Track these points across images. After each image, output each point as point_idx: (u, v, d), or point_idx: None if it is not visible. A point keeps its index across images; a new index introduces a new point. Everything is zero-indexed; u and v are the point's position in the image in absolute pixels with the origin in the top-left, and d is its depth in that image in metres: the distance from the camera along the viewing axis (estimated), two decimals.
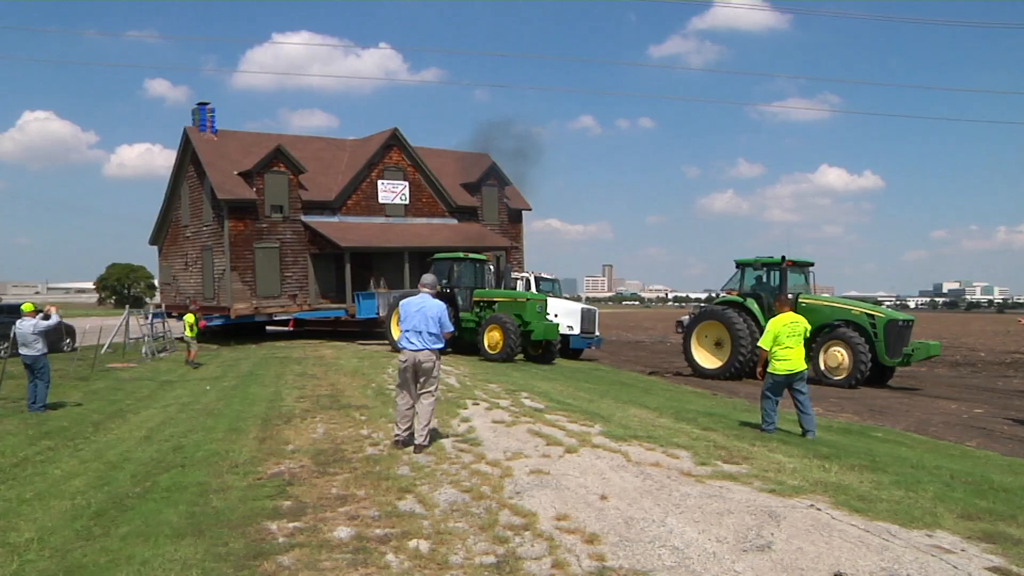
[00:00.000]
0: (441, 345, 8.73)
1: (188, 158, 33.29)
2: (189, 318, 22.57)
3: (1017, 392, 19.31)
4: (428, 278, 8.97)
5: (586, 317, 26.27)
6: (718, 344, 21.27)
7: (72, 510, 6.93)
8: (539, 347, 22.74)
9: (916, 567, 5.04)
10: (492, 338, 21.62)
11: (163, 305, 34.07)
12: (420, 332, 8.56)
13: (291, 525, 5.99)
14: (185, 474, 7.91)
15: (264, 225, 30.70)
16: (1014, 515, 6.31)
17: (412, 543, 5.52)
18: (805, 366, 10.37)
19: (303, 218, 31.51)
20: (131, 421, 12.25)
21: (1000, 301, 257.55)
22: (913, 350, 19.86)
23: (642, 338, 46.45)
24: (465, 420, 10.49)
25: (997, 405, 16.51)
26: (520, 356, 22.24)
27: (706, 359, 21.51)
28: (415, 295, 8.98)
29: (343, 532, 5.79)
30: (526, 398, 12.80)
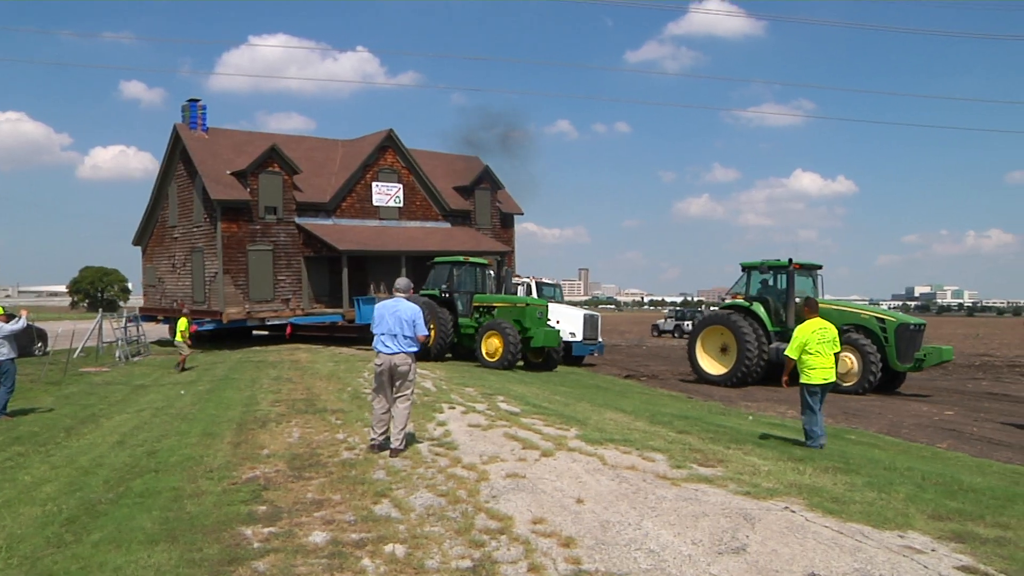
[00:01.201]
0: (417, 348, 8.73)
1: (178, 156, 32.31)
2: (182, 323, 22.14)
3: (987, 394, 19.58)
4: (402, 282, 8.97)
5: (588, 323, 25.66)
6: (723, 350, 20.67)
7: (43, 517, 6.85)
8: (540, 354, 22.20)
9: (888, 568, 5.10)
10: (491, 345, 21.01)
11: (136, 309, 33.39)
12: (395, 335, 8.57)
13: (266, 530, 5.96)
14: (159, 479, 7.84)
15: (258, 227, 29.91)
16: (982, 515, 6.40)
17: (388, 548, 5.50)
18: (835, 377, 9.87)
19: (297, 220, 30.79)
20: (104, 426, 12.12)
21: (970, 305, 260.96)
22: (925, 355, 19.27)
23: (618, 342, 46.60)
24: (441, 424, 10.47)
25: (967, 407, 16.74)
26: (520, 364, 21.66)
27: (711, 365, 20.90)
28: (390, 298, 8.98)
29: (319, 537, 5.77)
30: (502, 402, 12.81)
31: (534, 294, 26.52)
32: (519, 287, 27.07)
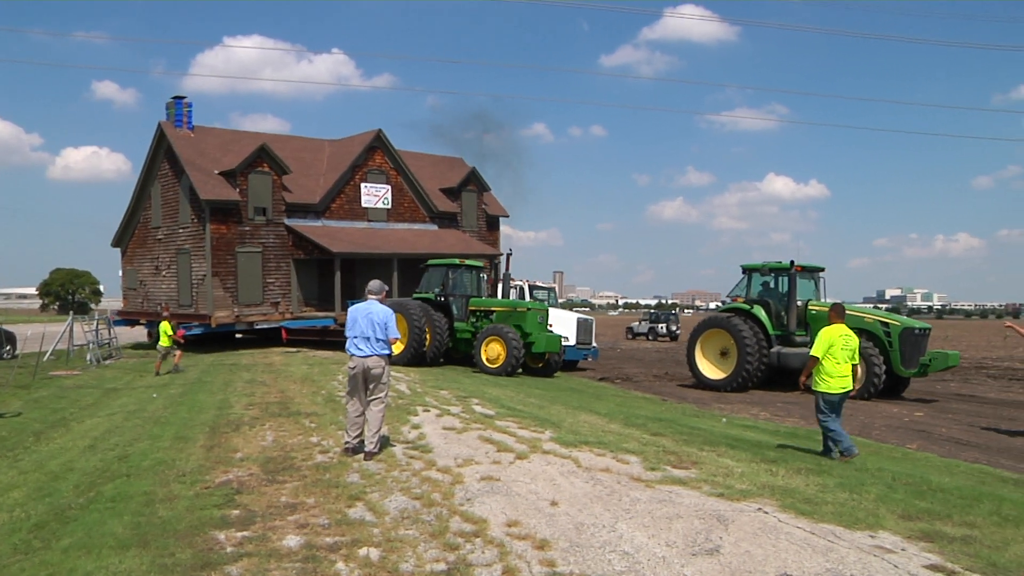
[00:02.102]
0: (390, 351, 8.72)
1: (162, 155, 31.20)
2: (165, 326, 21.80)
3: (955, 395, 19.84)
4: (375, 284, 8.93)
5: (582, 327, 25.23)
6: (723, 353, 20.18)
7: (10, 523, 6.76)
8: (539, 360, 21.69)
9: (859, 567, 5.16)
10: (492, 351, 20.46)
11: (109, 311, 32.76)
12: (368, 338, 8.55)
13: (239, 534, 5.92)
14: (130, 484, 7.75)
15: (247, 228, 29.00)
16: (950, 514, 6.51)
17: (362, 551, 5.49)
18: (852, 386, 9.57)
19: (287, 221, 30.08)
20: (74, 430, 11.97)
21: (939, 307, 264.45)
22: (931, 360, 18.80)
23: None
24: (416, 427, 10.45)
25: (936, 408, 16.98)
26: (520, 370, 21.14)
27: (711, 369, 20.39)
28: (370, 302, 8.93)
29: (292, 541, 5.74)
30: (477, 404, 12.80)
31: (526, 297, 26.08)
32: (511, 290, 26.51)
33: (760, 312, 19.83)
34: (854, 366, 9.60)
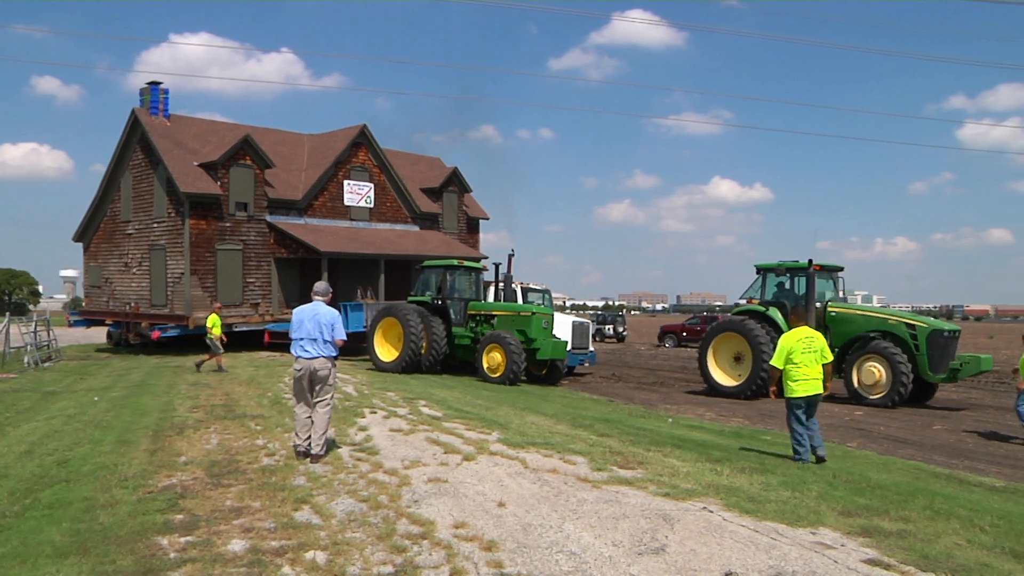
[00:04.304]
0: (336, 353, 8.70)
1: (135, 144, 29.41)
2: (215, 319, 20.46)
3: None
4: (320, 286, 8.92)
5: (578, 331, 23.67)
6: (737, 359, 18.97)
7: None
8: (542, 367, 20.55)
9: (801, 563, 5.27)
10: (492, 359, 19.49)
11: (48, 312, 31.57)
12: (315, 340, 8.53)
13: (183, 539, 5.82)
14: (70, 489, 7.57)
15: (228, 224, 27.54)
16: (887, 510, 6.71)
17: (309, 555, 5.44)
18: (822, 389, 9.42)
19: (268, 218, 28.65)
20: (10, 435, 11.63)
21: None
22: (962, 364, 17.56)
23: None
24: (363, 429, 10.39)
25: (877, 407, 17.37)
26: (523, 378, 20.00)
27: (723, 375, 19.15)
28: (316, 303, 8.86)
29: (237, 545, 5.66)
30: (424, 406, 12.77)
31: (519, 300, 24.20)
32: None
33: (776, 314, 18.70)
34: (839, 358, 9.42)
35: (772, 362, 9.46)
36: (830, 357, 9.50)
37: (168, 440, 9.94)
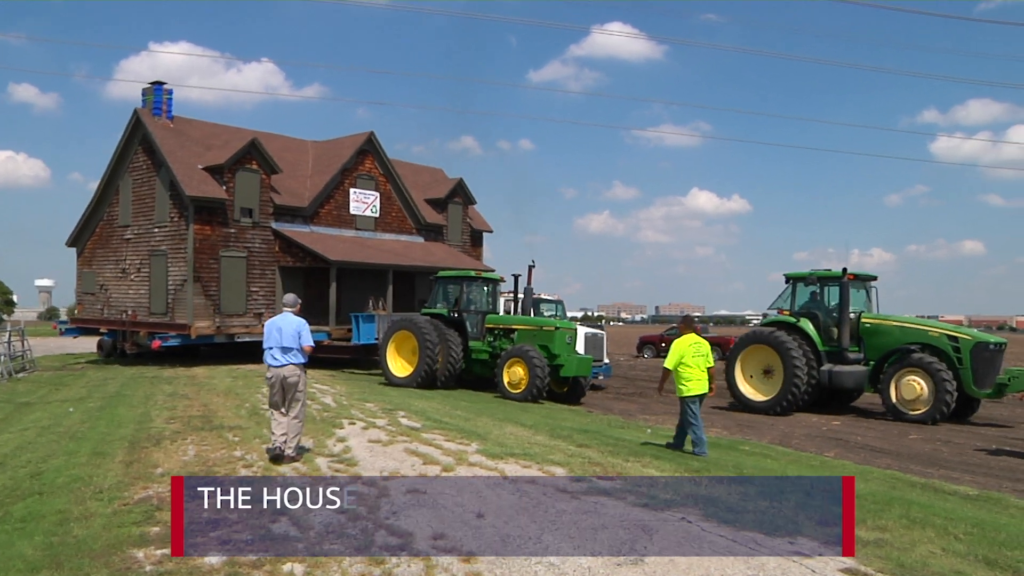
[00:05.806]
0: (304, 360, 9.16)
1: (137, 146, 28.28)
2: None
3: (870, 403, 20.47)
4: (289, 297, 9.51)
5: (592, 343, 22.52)
6: (767, 372, 18.13)
7: None
8: (564, 384, 19.58)
9: (779, 573, 5.31)
10: (514, 374, 18.70)
11: (22, 322, 30.93)
12: (285, 348, 9.02)
13: (159, 552, 5.76)
14: (43, 502, 7.47)
15: (232, 230, 26.38)
16: (864, 519, 6.77)
17: (286, 567, 5.40)
18: (708, 388, 10.58)
19: (274, 225, 27.52)
20: None
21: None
22: (1010, 379, 16.54)
23: None
24: (341, 440, 10.34)
25: (852, 416, 17.53)
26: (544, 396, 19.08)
27: (753, 390, 18.30)
28: (285, 314, 9.31)
29: (214, 558, 5.61)
30: (403, 417, 12.73)
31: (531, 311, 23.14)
32: (511, 303, 23.85)
33: (807, 326, 17.95)
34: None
35: (665, 364, 10.71)
36: (712, 363, 10.71)
37: (144, 451, 9.85)
